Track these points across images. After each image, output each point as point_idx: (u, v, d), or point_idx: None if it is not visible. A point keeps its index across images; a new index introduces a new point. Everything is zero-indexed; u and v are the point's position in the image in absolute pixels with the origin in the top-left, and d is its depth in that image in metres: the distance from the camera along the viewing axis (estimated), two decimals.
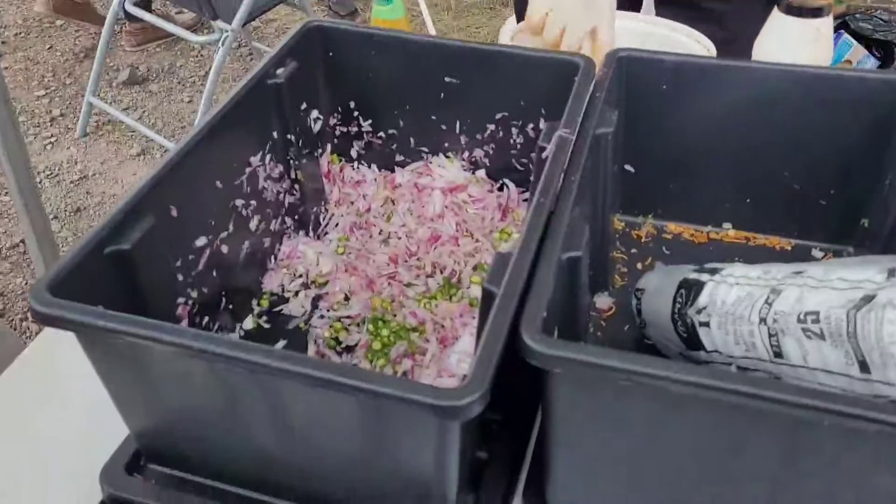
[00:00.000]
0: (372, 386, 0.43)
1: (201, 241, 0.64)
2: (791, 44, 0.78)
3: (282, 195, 0.75)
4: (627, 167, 0.82)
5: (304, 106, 0.76)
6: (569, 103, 0.66)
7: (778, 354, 0.52)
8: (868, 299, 0.45)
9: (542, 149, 0.63)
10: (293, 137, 0.74)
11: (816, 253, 0.80)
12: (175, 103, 2.53)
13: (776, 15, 0.79)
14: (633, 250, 0.82)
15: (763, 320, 0.53)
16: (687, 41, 0.96)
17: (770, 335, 0.52)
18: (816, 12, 0.76)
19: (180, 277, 0.62)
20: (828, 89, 0.73)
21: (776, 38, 0.79)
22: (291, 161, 0.75)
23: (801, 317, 0.49)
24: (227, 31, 2.11)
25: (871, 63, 2.15)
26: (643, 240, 0.83)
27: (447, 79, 0.77)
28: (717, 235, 0.83)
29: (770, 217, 0.81)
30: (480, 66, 0.75)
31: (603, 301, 0.75)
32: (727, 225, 0.83)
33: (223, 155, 0.66)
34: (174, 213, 0.60)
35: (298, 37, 0.75)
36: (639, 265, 0.80)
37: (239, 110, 0.66)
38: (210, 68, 2.20)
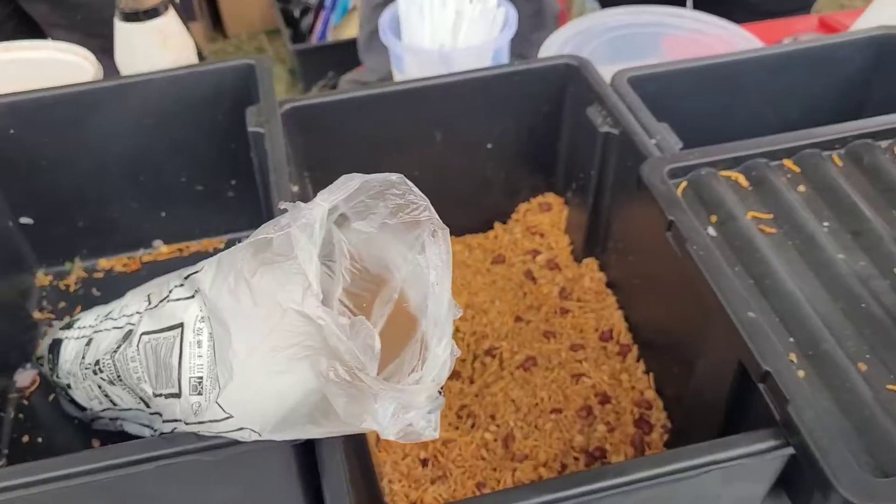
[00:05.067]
0: None
1: None
2: (143, 50, 0.76)
3: None
4: (24, 220, 0.75)
5: None
6: None
7: (114, 402, 0.50)
8: (126, 337, 0.44)
9: None
10: None
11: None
12: None
13: (118, 25, 0.76)
14: (62, 304, 0.76)
15: (85, 375, 0.50)
16: (76, 59, 0.90)
17: (98, 386, 0.50)
18: (152, 13, 0.75)
19: None
20: (180, 89, 0.72)
21: (127, 48, 0.76)
22: None
23: (95, 368, 0.47)
24: None
25: None
26: (73, 288, 0.77)
27: None
28: (150, 257, 0.80)
29: (194, 221, 0.80)
30: None
31: (24, 377, 0.68)
32: (158, 242, 0.81)
33: None
34: None
35: None
36: (67, 318, 0.74)
37: None
38: None
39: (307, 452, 0.45)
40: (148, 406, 0.44)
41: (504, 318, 0.73)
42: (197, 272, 0.38)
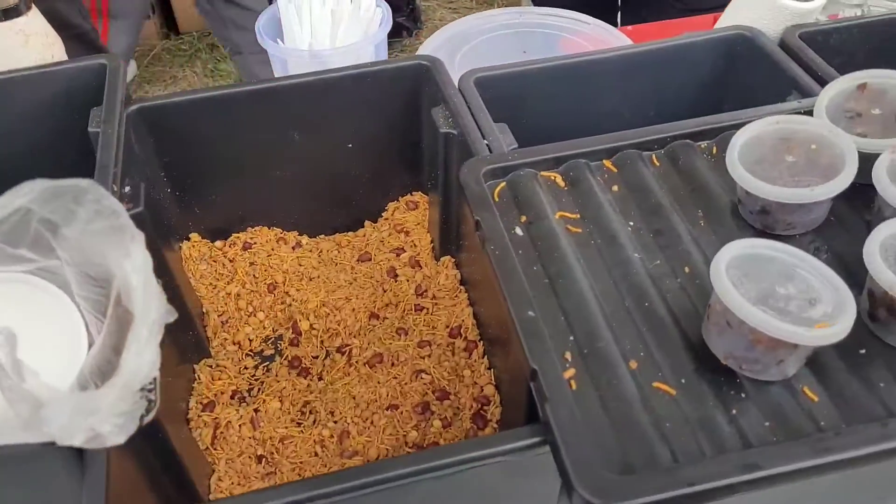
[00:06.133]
0: None
1: None
2: (4, 50, 0.76)
3: None
4: None
5: None
6: None
7: None
8: None
9: None
10: None
11: None
12: None
13: None
14: None
15: None
16: None
17: None
18: (12, 13, 0.75)
19: None
20: (36, 89, 0.73)
21: None
22: None
23: None
24: None
25: None
26: None
27: None
28: None
29: None
30: None
31: None
32: None
33: None
34: None
35: None
36: None
37: None
38: None
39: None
40: None
41: (359, 315, 0.74)
42: None
